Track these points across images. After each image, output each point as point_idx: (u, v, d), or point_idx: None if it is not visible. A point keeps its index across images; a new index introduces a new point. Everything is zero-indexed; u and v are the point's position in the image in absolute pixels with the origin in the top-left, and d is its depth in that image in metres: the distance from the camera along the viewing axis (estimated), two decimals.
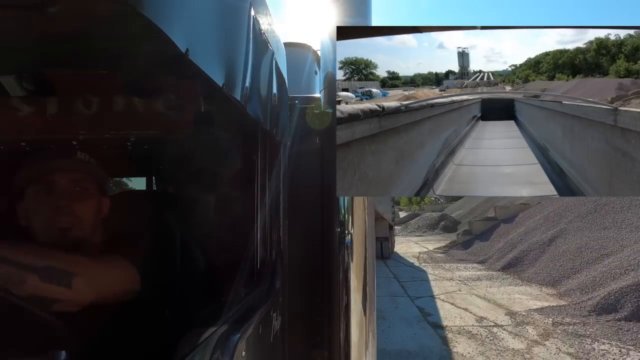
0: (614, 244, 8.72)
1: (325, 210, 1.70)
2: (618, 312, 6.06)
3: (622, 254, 7.96)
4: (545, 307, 6.99)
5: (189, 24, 0.58)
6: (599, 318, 6.08)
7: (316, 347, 1.68)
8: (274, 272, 1.35)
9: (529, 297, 7.92)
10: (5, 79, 1.22)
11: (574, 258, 8.96)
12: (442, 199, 27.68)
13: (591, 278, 7.52)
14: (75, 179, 1.15)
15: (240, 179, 1.50)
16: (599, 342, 5.18)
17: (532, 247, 10.86)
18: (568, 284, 7.99)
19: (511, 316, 6.66)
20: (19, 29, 0.61)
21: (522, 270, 10.10)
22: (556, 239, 10.53)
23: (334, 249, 1.66)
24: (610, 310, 6.21)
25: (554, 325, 6.00)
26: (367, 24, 1.78)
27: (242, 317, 0.96)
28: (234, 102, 0.85)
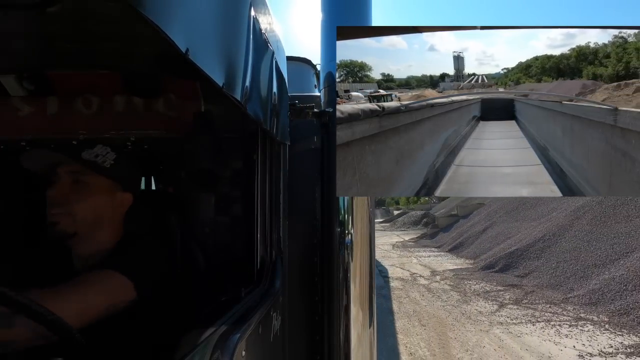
0: (517, 232, 12.94)
1: (325, 210, 1.70)
2: (494, 269, 10.49)
3: (516, 237, 12.30)
4: (456, 268, 11.49)
5: (189, 24, 0.58)
6: (482, 272, 10.51)
7: (316, 347, 1.68)
8: (274, 272, 1.35)
9: (452, 264, 12.28)
10: (5, 79, 1.22)
11: (491, 241, 13.43)
12: (434, 199, 28.26)
13: (493, 252, 11.89)
14: (73, 171, 1.11)
15: (241, 179, 1.50)
16: (473, 283, 9.53)
17: (471, 235, 15.37)
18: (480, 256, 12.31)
19: (432, 272, 11.15)
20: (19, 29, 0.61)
21: (460, 251, 14.43)
22: (487, 229, 15.06)
23: (334, 249, 1.66)
24: (489, 267, 10.74)
25: (453, 275, 10.49)
26: (367, 24, 1.78)
27: (242, 317, 0.96)
28: (234, 102, 0.85)
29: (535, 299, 7.68)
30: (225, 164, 1.51)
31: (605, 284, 7.27)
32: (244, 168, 1.46)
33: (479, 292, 8.51)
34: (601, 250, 8.69)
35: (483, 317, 6.80)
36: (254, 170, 1.34)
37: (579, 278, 8.07)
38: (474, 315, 6.94)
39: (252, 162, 1.34)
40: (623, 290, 6.84)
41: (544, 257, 9.84)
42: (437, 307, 7.58)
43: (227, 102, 0.85)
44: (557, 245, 10.07)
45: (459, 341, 5.76)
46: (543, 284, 8.56)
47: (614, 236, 9.01)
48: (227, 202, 1.51)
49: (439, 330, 6.29)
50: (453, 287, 9.15)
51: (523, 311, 7.02)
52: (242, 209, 1.49)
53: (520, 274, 9.61)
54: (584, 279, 7.92)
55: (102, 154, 1.15)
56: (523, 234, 12.12)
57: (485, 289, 8.75)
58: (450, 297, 8.34)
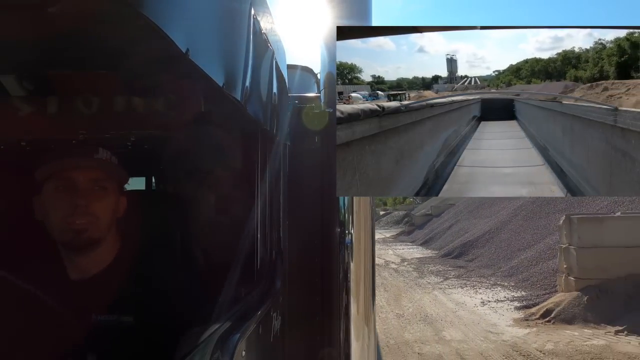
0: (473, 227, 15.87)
1: (325, 210, 1.70)
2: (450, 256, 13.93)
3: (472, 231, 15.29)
4: (422, 257, 15.04)
5: (189, 24, 0.58)
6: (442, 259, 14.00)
7: (316, 347, 1.67)
8: (274, 272, 1.35)
9: (420, 254, 15.90)
10: (5, 78, 1.21)
11: (454, 235, 16.63)
12: (418, 200, 29.29)
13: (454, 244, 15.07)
14: (95, 178, 1.12)
15: (240, 178, 1.50)
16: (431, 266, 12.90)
17: (440, 231, 18.71)
18: (443, 247, 15.64)
19: (402, 259, 14.35)
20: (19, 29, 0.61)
21: (430, 244, 17.83)
22: (452, 226, 18.28)
23: (334, 249, 1.66)
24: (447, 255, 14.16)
25: (418, 261, 13.88)
26: (367, 24, 1.78)
27: (242, 317, 0.96)
28: (234, 102, 0.85)
29: (471, 275, 10.97)
30: (225, 164, 1.51)
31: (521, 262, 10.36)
32: (244, 168, 1.46)
33: (433, 272, 11.92)
34: (525, 239, 11.88)
35: (429, 286, 10.07)
36: (254, 170, 1.34)
37: (506, 259, 11.31)
38: (424, 285, 10.19)
39: (252, 162, 1.34)
40: (529, 265, 9.95)
41: (487, 246, 13.18)
42: (399, 281, 10.70)
43: (227, 102, 0.86)
44: (497, 237, 13.32)
45: (408, 298, 8.87)
46: (482, 265, 11.84)
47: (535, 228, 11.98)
48: (227, 202, 1.51)
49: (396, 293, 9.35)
50: (415, 269, 12.52)
51: (459, 282, 10.29)
52: (242, 209, 1.49)
53: (469, 259, 12.93)
54: (509, 260, 11.12)
55: (109, 157, 1.17)
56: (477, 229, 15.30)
57: (438, 270, 12.22)
58: (411, 275, 11.63)
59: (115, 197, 1.17)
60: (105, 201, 1.13)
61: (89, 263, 1.13)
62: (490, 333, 6.29)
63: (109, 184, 1.15)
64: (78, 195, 1.08)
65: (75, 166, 1.11)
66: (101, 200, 1.12)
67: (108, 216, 1.14)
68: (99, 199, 1.12)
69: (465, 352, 5.56)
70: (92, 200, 1.10)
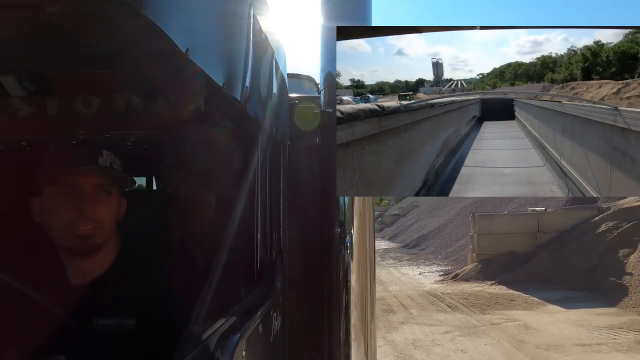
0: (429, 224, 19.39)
1: (325, 210, 1.70)
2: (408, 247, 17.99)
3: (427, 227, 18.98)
4: (386, 248, 18.42)
5: (189, 24, 0.58)
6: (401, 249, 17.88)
7: (316, 347, 1.67)
8: (274, 272, 1.35)
9: (386, 246, 19.06)
10: (5, 79, 1.21)
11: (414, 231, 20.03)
12: (392, 201, 30.28)
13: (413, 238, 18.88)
14: (101, 184, 1.11)
15: (240, 179, 1.50)
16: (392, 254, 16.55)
17: (404, 228, 22.27)
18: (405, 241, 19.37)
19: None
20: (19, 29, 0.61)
21: (395, 239, 21.46)
22: (414, 224, 21.74)
23: (334, 249, 1.66)
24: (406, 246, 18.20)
25: (382, 251, 16.88)
26: (367, 24, 1.78)
27: (242, 317, 0.96)
28: (234, 102, 0.85)
29: (418, 259, 14.90)
30: (225, 164, 1.51)
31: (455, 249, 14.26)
32: (244, 168, 1.46)
33: (392, 257, 15.49)
34: (460, 230, 15.30)
35: (387, 266, 13.47)
36: (254, 170, 1.34)
37: (445, 246, 15.23)
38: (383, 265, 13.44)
39: (252, 162, 1.34)
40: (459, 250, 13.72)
41: (436, 238, 17.00)
42: None
43: (227, 102, 0.86)
44: (444, 231, 16.94)
45: None
46: (429, 252, 15.73)
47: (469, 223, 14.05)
48: (227, 202, 1.51)
49: None
50: (379, 256, 14.73)
51: (409, 263, 14.15)
52: (242, 209, 1.49)
53: (421, 249, 16.76)
54: (447, 247, 15.04)
55: (112, 160, 1.16)
56: (431, 225, 19.00)
57: (396, 256, 15.68)
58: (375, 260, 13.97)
59: (118, 201, 1.17)
60: (110, 206, 1.12)
61: (91, 266, 1.13)
62: (417, 287, 10.31)
63: (114, 189, 1.15)
64: (83, 200, 1.06)
65: (80, 170, 1.09)
66: (106, 205, 1.11)
67: (112, 220, 1.14)
68: (104, 204, 1.11)
69: (398, 294, 9.44)
70: (97, 205, 1.08)
